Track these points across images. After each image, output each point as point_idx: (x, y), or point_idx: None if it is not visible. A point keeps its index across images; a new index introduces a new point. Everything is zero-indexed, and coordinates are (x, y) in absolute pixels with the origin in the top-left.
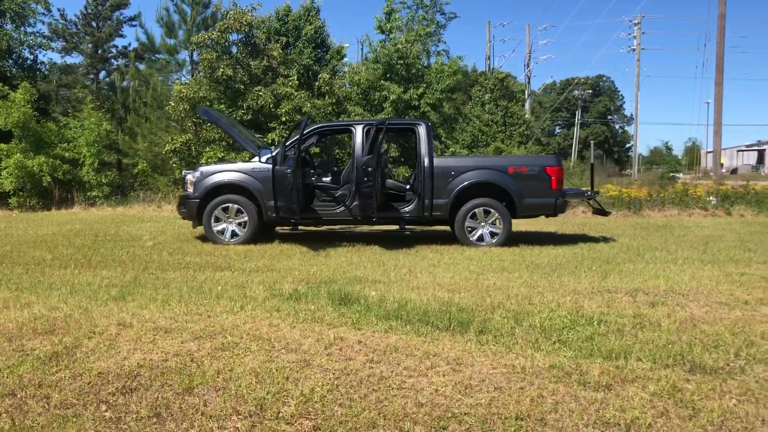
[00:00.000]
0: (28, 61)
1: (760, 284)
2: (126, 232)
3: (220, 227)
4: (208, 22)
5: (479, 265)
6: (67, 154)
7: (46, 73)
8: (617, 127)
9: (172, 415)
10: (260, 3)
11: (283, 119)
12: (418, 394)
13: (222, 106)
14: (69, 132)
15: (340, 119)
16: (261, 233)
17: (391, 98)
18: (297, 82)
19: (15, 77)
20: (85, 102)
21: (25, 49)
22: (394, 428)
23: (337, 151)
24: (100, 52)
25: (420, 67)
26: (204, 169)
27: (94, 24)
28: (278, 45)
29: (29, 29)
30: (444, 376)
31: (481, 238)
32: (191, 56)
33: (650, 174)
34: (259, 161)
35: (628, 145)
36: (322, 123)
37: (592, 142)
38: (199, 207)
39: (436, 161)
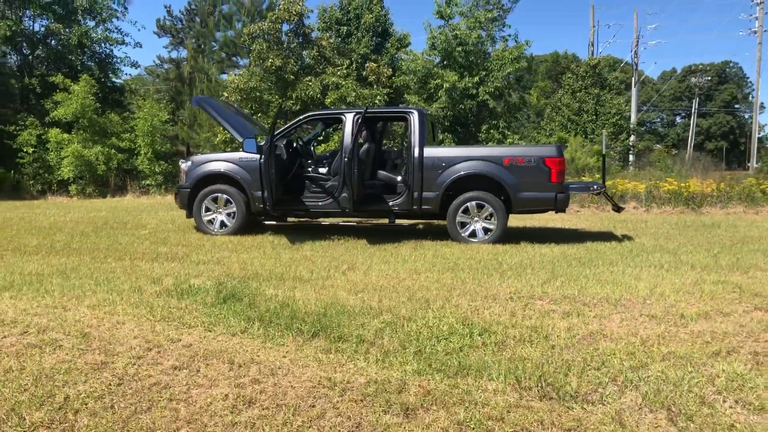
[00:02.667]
0: (102, 56)
1: (724, 295)
2: (139, 220)
3: (209, 217)
4: (264, 14)
5: (432, 263)
6: (122, 144)
7: (119, 67)
8: (746, 116)
9: None
10: None
11: None
12: (185, 408)
13: (273, 96)
14: (133, 122)
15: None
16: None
17: (445, 86)
18: (346, 71)
19: (85, 70)
20: (139, 94)
21: (99, 45)
22: None
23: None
24: (202, 46)
25: (479, 53)
26: (195, 158)
27: (197, 19)
28: (328, 35)
29: (108, 25)
30: (238, 387)
31: (473, 234)
32: (248, 47)
33: None
34: (243, 151)
35: (758, 135)
36: (315, 112)
37: (603, 132)
38: (190, 197)
39: (427, 151)
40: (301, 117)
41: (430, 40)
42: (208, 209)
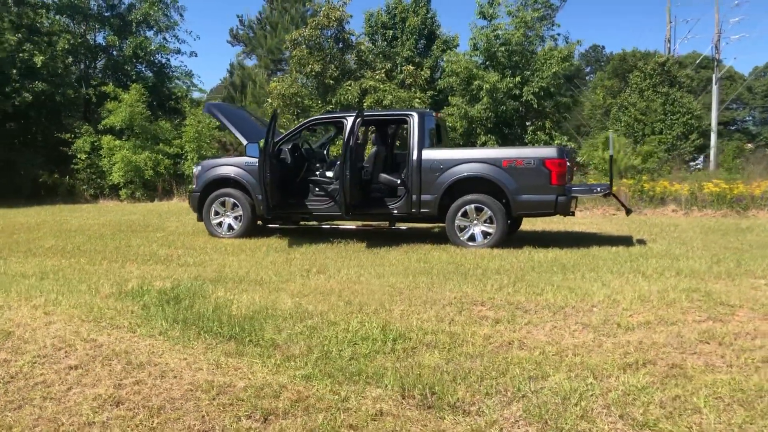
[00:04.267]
0: (158, 65)
1: (684, 304)
2: (163, 223)
3: (218, 220)
4: (307, 21)
5: (406, 267)
6: (170, 150)
7: (174, 75)
8: None
9: None
10: None
11: None
12: (53, 407)
13: (315, 102)
14: (183, 129)
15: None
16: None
17: (485, 87)
18: (386, 75)
19: (141, 80)
20: (186, 101)
21: (153, 55)
22: None
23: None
24: (273, 53)
25: (524, 53)
26: (205, 163)
27: (268, 27)
28: (366, 39)
29: (166, 35)
30: (117, 388)
31: (472, 238)
32: (290, 54)
33: None
34: (246, 155)
35: None
36: (317, 116)
37: (610, 132)
38: (199, 200)
39: (425, 153)
40: (304, 121)
41: (472, 41)
42: (216, 213)
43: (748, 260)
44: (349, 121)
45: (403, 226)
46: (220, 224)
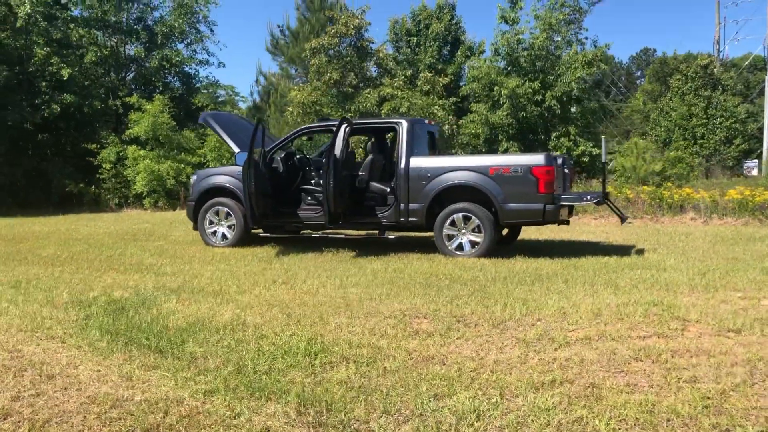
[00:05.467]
0: (185, 76)
1: (637, 318)
2: (167, 232)
3: (213, 229)
4: (327, 29)
5: (372, 277)
6: (193, 159)
7: (201, 86)
8: None
9: None
10: (368, 5)
11: None
12: None
13: (336, 110)
14: (207, 138)
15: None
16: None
17: (503, 92)
18: (404, 82)
19: (168, 91)
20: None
21: (178, 66)
22: None
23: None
24: (295, 62)
25: (550, 57)
26: (200, 172)
27: (289, 36)
28: (385, 46)
29: (195, 47)
30: (14, 400)
31: (460, 247)
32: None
33: None
34: (236, 164)
35: None
36: (309, 124)
37: (603, 136)
38: (195, 210)
39: (413, 162)
40: (294, 130)
41: (494, 46)
42: (211, 222)
43: (737, 272)
44: (342, 130)
45: (392, 235)
46: (214, 233)
